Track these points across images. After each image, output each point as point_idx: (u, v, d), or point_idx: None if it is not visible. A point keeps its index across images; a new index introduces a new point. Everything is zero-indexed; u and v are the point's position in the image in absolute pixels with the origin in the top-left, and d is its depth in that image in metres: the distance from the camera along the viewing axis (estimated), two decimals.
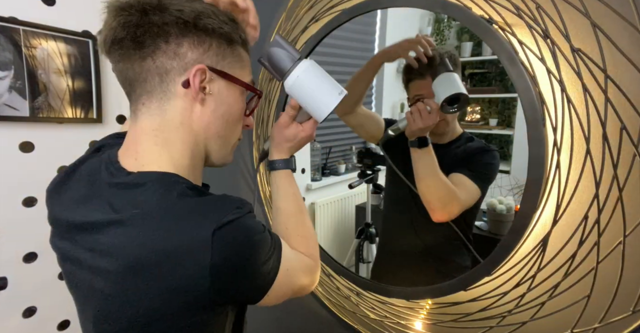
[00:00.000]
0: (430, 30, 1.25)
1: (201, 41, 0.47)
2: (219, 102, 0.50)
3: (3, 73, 0.84)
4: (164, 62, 0.46)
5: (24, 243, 0.92)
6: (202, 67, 0.47)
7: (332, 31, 0.98)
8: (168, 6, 0.45)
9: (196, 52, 0.47)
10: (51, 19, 0.89)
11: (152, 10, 0.44)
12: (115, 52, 0.46)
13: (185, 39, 0.46)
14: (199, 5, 0.47)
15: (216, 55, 0.48)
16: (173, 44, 0.46)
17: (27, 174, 0.91)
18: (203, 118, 0.49)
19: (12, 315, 0.92)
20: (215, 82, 0.49)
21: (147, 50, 0.45)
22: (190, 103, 0.48)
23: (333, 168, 1.49)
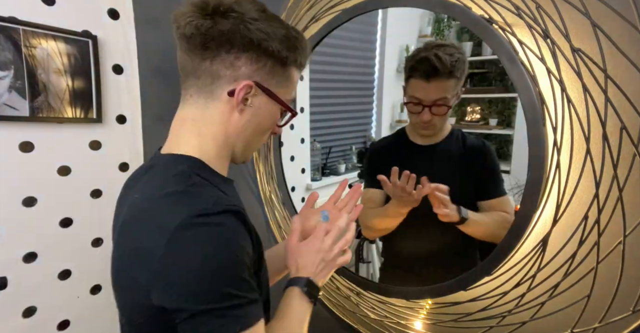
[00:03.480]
0: (430, 30, 1.25)
1: (258, 59, 0.51)
2: (255, 114, 0.55)
3: (3, 73, 0.84)
4: (219, 69, 0.51)
5: (24, 243, 0.92)
6: (250, 84, 0.51)
7: (332, 31, 0.98)
8: (242, 19, 0.49)
9: (250, 68, 0.51)
10: (51, 18, 0.89)
11: (224, 17, 0.48)
12: (183, 43, 0.51)
13: (245, 55, 0.51)
14: (270, 26, 0.50)
15: (267, 74, 0.53)
16: (232, 56, 0.50)
17: (27, 174, 0.91)
18: (238, 125, 0.54)
19: (12, 315, 0.92)
20: (258, 97, 0.54)
21: (208, 54, 0.50)
22: (230, 109, 0.53)
23: (333, 168, 1.50)
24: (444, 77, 0.83)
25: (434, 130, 0.93)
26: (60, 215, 0.97)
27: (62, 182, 0.96)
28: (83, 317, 1.03)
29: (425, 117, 0.88)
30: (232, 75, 0.51)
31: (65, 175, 0.97)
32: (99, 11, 0.97)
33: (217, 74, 0.51)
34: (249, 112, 0.54)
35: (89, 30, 0.96)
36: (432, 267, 0.97)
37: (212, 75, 0.51)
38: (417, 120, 0.91)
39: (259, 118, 0.56)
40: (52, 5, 0.90)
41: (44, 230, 0.95)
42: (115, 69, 1.03)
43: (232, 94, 0.52)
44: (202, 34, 0.49)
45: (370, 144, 1.07)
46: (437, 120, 0.89)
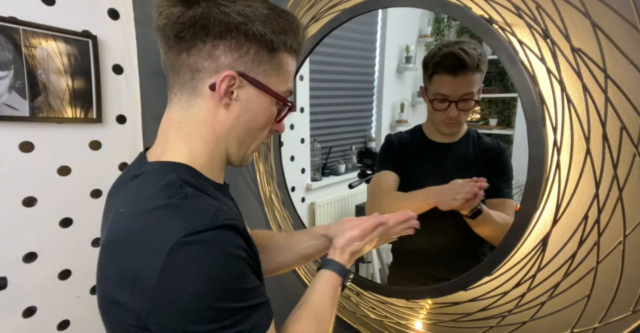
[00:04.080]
0: (430, 30, 1.25)
1: (239, 45, 0.46)
2: (244, 109, 0.49)
3: (3, 73, 0.84)
4: (197, 61, 0.46)
5: (24, 243, 0.92)
6: (232, 74, 0.46)
7: (332, 31, 0.98)
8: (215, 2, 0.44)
9: (230, 56, 0.46)
10: (51, 18, 0.89)
11: (195, 2, 0.44)
12: (160, 38, 0.47)
13: (223, 42, 0.45)
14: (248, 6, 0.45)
15: (252, 62, 0.47)
16: (209, 45, 0.45)
17: (27, 174, 0.91)
18: (226, 122, 0.49)
19: (12, 315, 0.92)
20: (245, 89, 0.48)
21: (184, 45, 0.46)
22: (215, 105, 0.48)
23: (333, 168, 1.49)
24: (471, 71, 0.82)
25: (457, 128, 0.92)
26: (60, 215, 0.97)
27: (62, 182, 0.96)
28: (83, 317, 1.03)
29: (453, 113, 0.86)
30: (212, 66, 0.46)
31: (65, 175, 0.97)
32: (99, 11, 0.98)
33: (196, 66, 0.46)
34: (236, 106, 0.48)
35: (89, 30, 0.96)
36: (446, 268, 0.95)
37: (191, 68, 0.47)
38: (442, 118, 0.90)
39: (250, 113, 0.50)
40: (52, 5, 0.90)
41: (44, 230, 0.95)
42: (115, 69, 1.03)
43: (214, 87, 0.46)
44: (173, 23, 0.44)
45: (387, 135, 1.05)
46: (462, 117, 0.88)
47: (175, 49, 0.46)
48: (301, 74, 1.27)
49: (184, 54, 0.46)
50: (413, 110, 1.35)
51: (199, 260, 0.38)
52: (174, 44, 0.46)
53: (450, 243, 0.95)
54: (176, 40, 0.46)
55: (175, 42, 0.46)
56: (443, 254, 0.96)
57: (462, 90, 0.85)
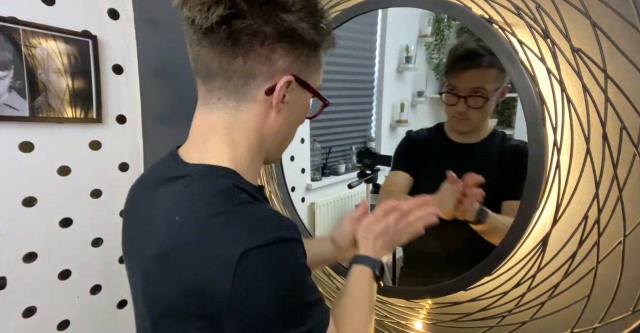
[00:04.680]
0: (430, 30, 1.25)
1: (293, 48, 0.45)
2: (292, 110, 0.49)
3: (3, 73, 0.84)
4: (254, 66, 0.44)
5: (24, 243, 0.92)
6: (291, 79, 0.45)
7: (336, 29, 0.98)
8: (285, 4, 0.42)
9: (287, 60, 0.45)
10: (51, 18, 0.89)
11: (264, 4, 0.41)
12: (205, 38, 0.43)
13: (280, 45, 0.43)
14: (295, 7, 0.43)
15: (303, 64, 0.46)
16: (267, 48, 0.43)
17: (27, 174, 0.91)
18: (275, 125, 0.48)
19: (12, 315, 0.92)
20: (294, 91, 0.47)
21: (240, 49, 0.42)
22: (267, 109, 0.47)
23: (333, 168, 1.50)
24: (483, 65, 0.79)
25: (470, 126, 0.88)
26: (60, 215, 0.97)
27: (62, 182, 0.96)
28: (83, 317, 1.03)
29: (460, 109, 0.84)
30: (269, 71, 0.44)
31: (65, 175, 0.97)
32: (99, 11, 0.98)
33: (252, 72, 0.44)
34: (286, 109, 0.48)
35: (89, 30, 0.96)
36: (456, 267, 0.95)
37: (246, 74, 0.44)
38: (453, 113, 0.87)
39: (296, 114, 0.50)
40: (52, 5, 0.90)
41: (44, 230, 0.95)
42: (115, 69, 1.03)
43: (270, 92, 0.45)
44: (230, 23, 0.41)
45: (407, 131, 1.03)
46: (473, 114, 0.85)
47: (229, 52, 0.43)
48: None
49: (240, 58, 0.43)
50: (413, 110, 1.35)
51: (270, 267, 0.38)
52: (229, 48, 0.42)
53: (463, 244, 0.93)
54: (232, 43, 0.42)
55: (230, 45, 0.42)
56: (455, 256, 0.95)
57: (471, 84, 0.82)
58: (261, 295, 0.37)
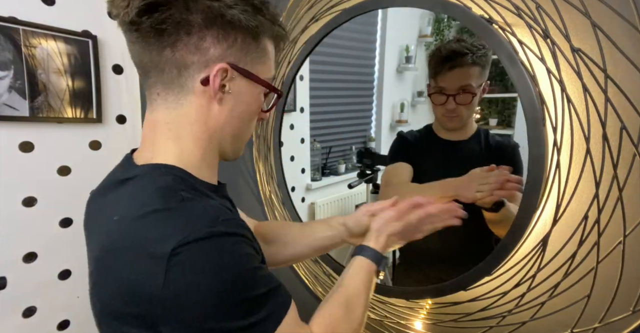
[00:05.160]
0: (430, 30, 1.25)
1: (226, 35, 0.43)
2: (237, 101, 0.47)
3: (3, 73, 0.84)
4: (184, 56, 0.43)
5: (24, 243, 0.92)
6: (225, 67, 0.44)
7: (332, 31, 0.98)
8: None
9: (219, 47, 0.43)
10: (51, 18, 0.89)
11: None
12: (132, 33, 0.42)
13: (210, 32, 0.42)
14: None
15: (240, 51, 0.45)
16: (195, 37, 0.42)
17: (27, 174, 0.91)
18: (220, 117, 0.47)
19: (12, 315, 0.92)
20: (236, 80, 0.46)
21: (167, 40, 0.42)
22: (207, 101, 0.45)
23: (333, 168, 1.49)
24: (467, 63, 0.84)
25: (459, 123, 0.92)
26: (60, 215, 0.97)
27: (62, 182, 0.96)
28: (83, 317, 1.03)
29: (450, 106, 0.87)
30: (201, 60, 0.43)
31: (65, 175, 0.97)
32: (99, 11, 0.97)
33: (183, 62, 0.43)
34: (229, 100, 0.46)
35: (89, 30, 0.96)
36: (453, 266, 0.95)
37: (178, 65, 0.43)
38: (443, 112, 0.90)
39: (243, 104, 0.48)
40: (52, 5, 0.90)
41: (44, 230, 0.95)
42: (115, 69, 1.03)
43: (206, 82, 0.44)
44: (153, 15, 0.40)
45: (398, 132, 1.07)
46: (462, 111, 0.88)
47: (156, 44, 0.42)
48: (301, 74, 1.27)
49: (168, 49, 0.42)
50: (413, 110, 1.35)
51: (203, 262, 0.37)
52: (154, 40, 0.41)
53: (462, 243, 0.94)
54: (156, 35, 0.41)
55: (155, 37, 0.41)
56: (454, 255, 0.96)
57: (458, 82, 0.86)
58: (194, 292, 0.36)
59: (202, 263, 0.36)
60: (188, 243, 0.36)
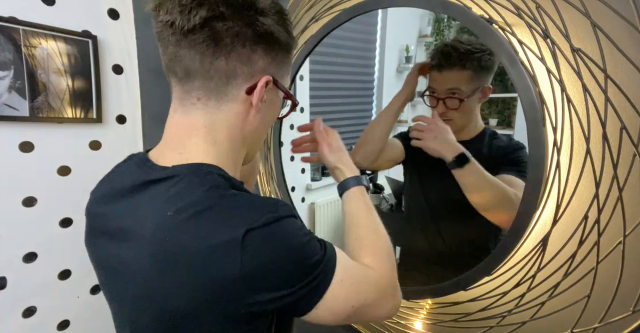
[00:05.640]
0: (430, 30, 1.25)
1: (270, 49, 0.47)
2: (268, 109, 0.51)
3: (3, 73, 0.84)
4: (236, 66, 0.45)
5: (23, 243, 0.92)
6: (270, 79, 0.47)
7: (332, 31, 0.98)
8: (263, 9, 0.44)
9: (266, 60, 0.47)
10: (51, 18, 0.89)
11: (244, 9, 0.43)
12: (184, 38, 0.43)
13: (260, 46, 0.46)
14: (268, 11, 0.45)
15: (278, 65, 0.49)
16: (248, 49, 0.45)
17: (27, 174, 0.91)
18: (254, 124, 0.50)
19: (12, 315, 0.92)
20: (271, 91, 0.50)
21: (222, 49, 0.43)
22: (247, 109, 0.48)
23: None
24: (456, 67, 0.83)
25: (453, 127, 0.88)
26: (60, 215, 0.97)
27: (62, 182, 0.96)
28: (83, 317, 1.03)
29: (439, 110, 0.87)
30: (250, 71, 0.46)
31: (65, 175, 0.97)
32: (99, 11, 0.98)
33: (234, 72, 0.45)
34: (263, 108, 0.50)
35: (89, 30, 0.96)
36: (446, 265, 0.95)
37: (228, 74, 0.45)
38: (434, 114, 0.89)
39: (272, 112, 0.53)
40: (52, 5, 0.90)
41: (44, 230, 0.95)
42: (115, 69, 1.03)
43: (250, 92, 0.47)
44: (213, 24, 0.42)
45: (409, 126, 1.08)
46: (453, 115, 0.87)
47: (211, 53, 0.43)
48: (301, 74, 1.27)
49: (222, 58, 0.44)
50: (413, 110, 1.35)
51: (274, 242, 0.40)
52: (210, 49, 0.43)
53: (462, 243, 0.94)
54: (214, 43, 0.43)
55: (212, 46, 0.43)
56: (454, 255, 0.96)
57: (446, 85, 0.85)
58: (270, 267, 0.40)
59: (272, 244, 0.40)
60: (258, 227, 0.39)
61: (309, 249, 0.43)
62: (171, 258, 0.40)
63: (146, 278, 0.42)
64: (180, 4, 0.41)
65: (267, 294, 0.41)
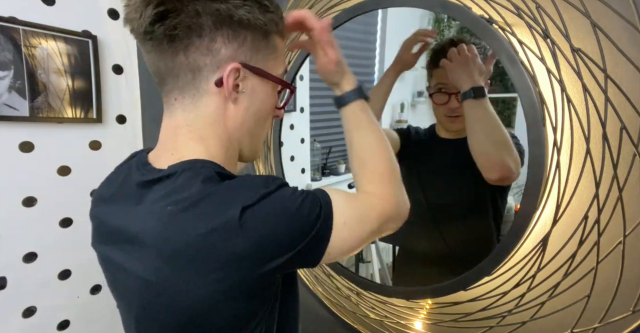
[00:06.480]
0: None
1: (236, 35, 0.44)
2: (252, 100, 0.48)
3: (3, 73, 0.84)
4: (197, 59, 0.44)
5: (24, 243, 0.92)
6: (237, 66, 0.45)
7: (332, 31, 0.98)
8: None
9: (230, 47, 0.44)
10: (51, 18, 0.89)
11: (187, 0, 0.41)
12: (146, 42, 0.43)
13: (219, 33, 0.43)
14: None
15: (250, 50, 0.46)
16: (206, 39, 0.43)
17: (27, 174, 0.91)
18: (236, 116, 0.48)
19: (12, 315, 0.92)
20: (249, 79, 0.47)
21: (179, 45, 0.43)
22: (223, 101, 0.46)
23: (333, 168, 1.49)
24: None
25: (462, 124, 0.87)
26: (60, 215, 0.97)
27: (62, 182, 0.96)
28: (83, 317, 1.03)
29: (453, 105, 0.86)
30: (213, 61, 0.44)
31: (65, 175, 0.97)
32: (99, 11, 0.98)
33: (196, 65, 0.44)
34: (243, 99, 0.47)
35: (89, 30, 0.96)
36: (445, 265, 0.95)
37: (191, 68, 0.44)
38: (445, 111, 0.89)
39: (257, 103, 0.49)
40: (52, 5, 0.90)
41: (44, 230, 0.95)
42: (115, 69, 1.03)
43: (220, 83, 0.45)
44: (164, 22, 0.41)
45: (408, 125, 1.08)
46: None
47: (170, 51, 0.43)
48: (301, 74, 1.27)
49: (181, 54, 0.43)
50: (413, 110, 1.35)
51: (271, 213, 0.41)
52: (168, 46, 0.43)
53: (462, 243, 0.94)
54: (169, 42, 0.42)
55: (168, 43, 0.42)
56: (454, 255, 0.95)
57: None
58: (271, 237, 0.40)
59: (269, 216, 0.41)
60: (252, 205, 0.40)
61: (305, 210, 0.43)
62: (177, 251, 0.40)
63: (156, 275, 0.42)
64: (135, 10, 0.42)
65: (275, 262, 0.41)
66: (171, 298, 0.42)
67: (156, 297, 0.43)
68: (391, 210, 0.52)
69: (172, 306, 0.42)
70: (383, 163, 0.55)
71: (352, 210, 0.48)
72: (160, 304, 0.43)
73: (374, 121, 0.59)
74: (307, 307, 1.17)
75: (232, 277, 0.40)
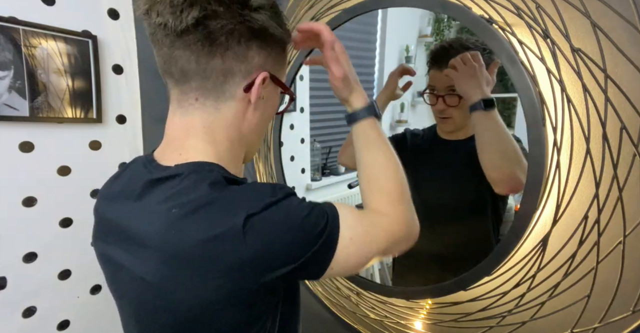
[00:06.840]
0: (430, 30, 1.25)
1: (265, 46, 0.46)
2: (267, 106, 0.51)
3: (3, 73, 0.84)
4: (232, 64, 0.45)
5: (24, 243, 0.92)
6: (267, 75, 0.47)
7: (332, 31, 0.98)
8: (255, 5, 0.43)
9: (262, 57, 0.46)
10: (51, 18, 0.89)
11: (237, 5, 0.42)
12: (178, 39, 0.43)
13: (255, 42, 0.45)
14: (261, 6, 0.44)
15: (274, 60, 0.48)
16: (244, 46, 0.44)
17: (27, 174, 0.91)
18: (253, 120, 0.49)
19: (12, 315, 0.92)
20: (268, 87, 0.49)
21: (218, 48, 0.43)
22: (245, 106, 0.48)
23: (333, 168, 1.50)
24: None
25: (453, 125, 0.90)
26: (60, 215, 0.97)
27: (62, 182, 0.96)
28: (83, 317, 1.03)
29: (439, 107, 0.88)
30: (247, 68, 0.46)
31: (65, 175, 0.97)
32: (99, 11, 0.98)
33: (231, 70, 0.45)
34: (261, 105, 0.49)
35: (89, 30, 0.96)
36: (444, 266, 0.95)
37: (225, 72, 0.45)
38: (436, 113, 0.90)
39: (270, 108, 0.52)
40: (52, 5, 0.90)
41: (44, 230, 0.95)
42: (115, 69, 1.03)
43: (248, 89, 0.46)
44: (207, 23, 0.41)
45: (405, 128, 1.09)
46: (453, 113, 0.88)
47: (206, 53, 0.43)
48: (301, 74, 1.27)
49: (218, 57, 0.44)
50: (413, 110, 1.35)
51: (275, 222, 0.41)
52: (205, 48, 0.43)
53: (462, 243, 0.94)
54: (209, 44, 0.42)
55: (207, 46, 0.43)
56: (454, 255, 0.95)
57: (446, 82, 0.85)
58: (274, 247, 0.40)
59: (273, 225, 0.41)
60: (257, 213, 0.40)
61: (311, 221, 0.43)
62: (178, 254, 0.40)
63: (156, 277, 0.42)
64: (172, 5, 0.41)
65: (276, 272, 0.41)
66: (170, 301, 0.42)
67: (155, 298, 0.43)
68: (400, 231, 0.51)
69: (171, 308, 0.42)
70: (392, 182, 0.55)
71: (360, 226, 0.48)
72: (159, 306, 0.43)
73: (385, 140, 0.58)
74: (307, 307, 1.17)
75: (232, 284, 0.40)
